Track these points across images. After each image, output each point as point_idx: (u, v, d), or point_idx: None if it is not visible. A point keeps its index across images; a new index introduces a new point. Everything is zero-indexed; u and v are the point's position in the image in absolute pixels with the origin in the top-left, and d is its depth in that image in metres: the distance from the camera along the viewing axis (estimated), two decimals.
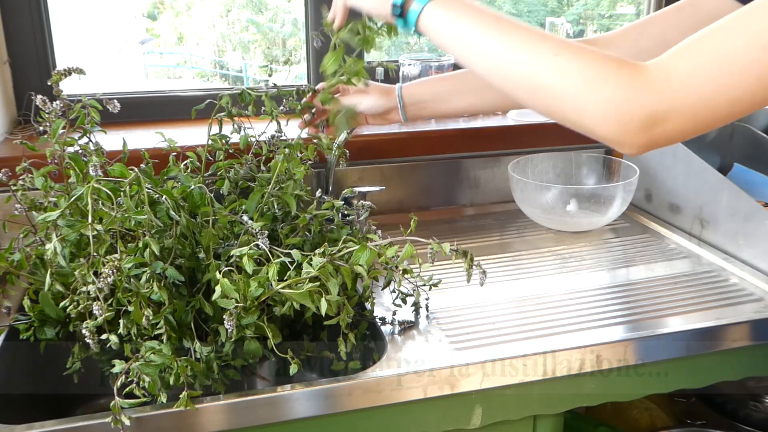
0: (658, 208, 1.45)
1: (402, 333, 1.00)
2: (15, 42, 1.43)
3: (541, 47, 0.71)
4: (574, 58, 0.70)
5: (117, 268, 0.81)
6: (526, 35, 0.73)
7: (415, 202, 1.51)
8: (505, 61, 0.73)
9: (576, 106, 0.71)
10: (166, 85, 2.81)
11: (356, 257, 0.89)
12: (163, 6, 2.42)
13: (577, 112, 0.72)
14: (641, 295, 1.13)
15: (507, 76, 0.74)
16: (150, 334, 0.85)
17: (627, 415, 1.42)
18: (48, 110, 0.94)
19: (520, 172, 1.44)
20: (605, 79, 0.69)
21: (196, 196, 0.96)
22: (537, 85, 0.72)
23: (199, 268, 0.93)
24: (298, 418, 0.88)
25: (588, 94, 0.70)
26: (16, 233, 1.01)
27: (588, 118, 0.71)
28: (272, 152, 1.17)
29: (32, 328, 0.93)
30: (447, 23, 0.76)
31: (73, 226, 0.87)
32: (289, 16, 2.30)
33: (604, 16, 2.34)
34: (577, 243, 1.34)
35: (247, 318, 0.85)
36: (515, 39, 0.73)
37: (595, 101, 0.70)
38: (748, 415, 1.42)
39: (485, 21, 0.74)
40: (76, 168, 0.94)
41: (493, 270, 1.22)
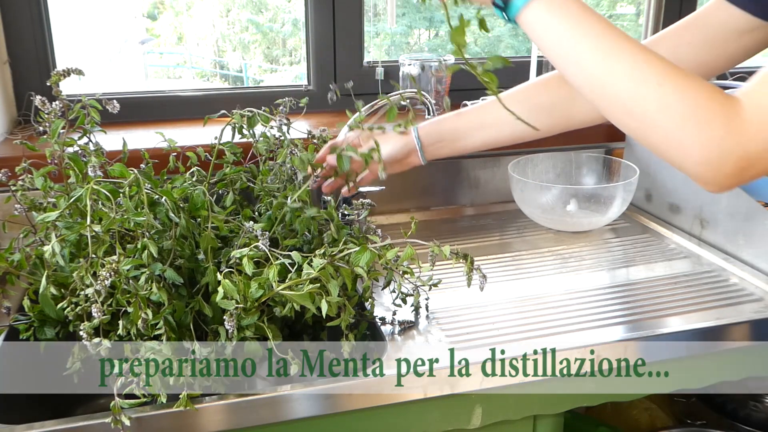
0: (658, 208, 1.45)
1: (402, 333, 1.00)
2: (15, 42, 1.43)
3: (646, 73, 0.68)
4: (677, 90, 0.68)
5: (115, 270, 0.81)
6: (631, 56, 0.69)
7: (415, 202, 1.51)
8: (604, 80, 0.70)
9: (671, 141, 0.69)
10: (166, 85, 2.80)
11: (356, 258, 0.89)
12: (163, 6, 2.42)
13: (671, 147, 0.69)
14: (641, 295, 1.13)
15: (603, 95, 0.71)
16: (150, 334, 0.85)
17: (627, 415, 1.42)
18: (47, 110, 0.94)
19: (520, 172, 1.44)
20: (707, 121, 0.67)
21: (196, 198, 0.95)
22: (634, 111, 0.70)
23: (198, 270, 0.93)
24: (298, 418, 0.88)
25: (686, 133, 0.67)
26: (16, 233, 1.01)
27: (682, 155, 0.69)
28: (272, 152, 1.17)
29: (32, 328, 0.93)
30: (549, 25, 0.73)
31: (72, 226, 0.87)
32: (289, 16, 2.30)
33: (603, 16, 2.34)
34: (577, 243, 1.34)
35: (248, 319, 0.85)
36: (619, 58, 0.69)
37: (692, 141, 0.67)
38: (748, 415, 1.42)
39: (590, 30, 0.71)
40: (75, 168, 0.94)
41: (493, 270, 1.22)
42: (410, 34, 2.22)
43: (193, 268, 0.93)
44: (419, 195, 1.49)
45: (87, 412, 1.03)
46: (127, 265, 0.84)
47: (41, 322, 0.93)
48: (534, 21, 0.74)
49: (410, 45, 2.21)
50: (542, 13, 0.73)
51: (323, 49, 1.61)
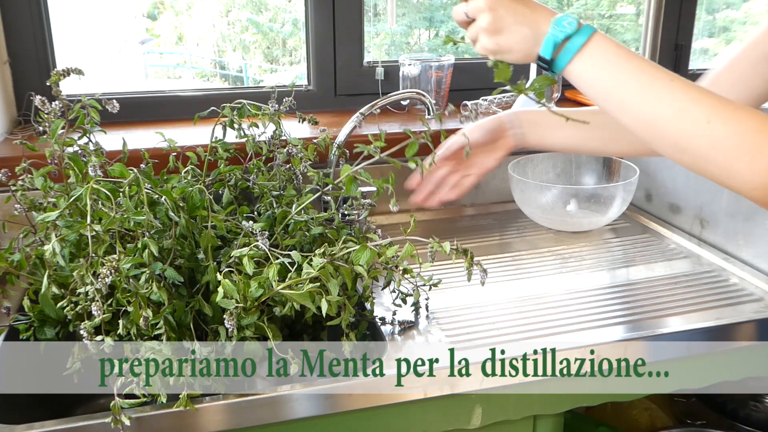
0: (658, 208, 1.45)
1: (402, 333, 1.00)
2: (15, 42, 1.43)
3: (694, 112, 0.71)
4: (727, 125, 0.70)
5: (115, 268, 0.81)
6: (678, 96, 0.71)
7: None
8: (654, 123, 0.72)
9: (727, 173, 0.71)
10: (166, 85, 2.81)
11: (356, 257, 0.89)
12: (163, 6, 2.42)
13: (728, 178, 0.72)
14: (641, 295, 1.13)
15: (655, 136, 0.73)
16: (150, 334, 0.85)
17: (627, 415, 1.42)
18: (47, 110, 0.94)
19: (520, 172, 1.44)
20: (759, 149, 0.68)
21: (195, 198, 0.96)
22: (687, 149, 0.72)
23: (198, 269, 0.93)
24: (298, 418, 0.88)
25: (740, 164, 0.70)
26: (16, 233, 1.01)
27: (739, 184, 0.71)
28: (272, 152, 1.17)
29: (32, 328, 0.93)
30: (595, 77, 0.75)
31: (72, 226, 0.87)
32: (290, 16, 2.30)
33: (604, 16, 2.34)
34: (577, 243, 1.34)
35: (247, 318, 0.85)
36: (666, 101, 0.72)
37: (747, 170, 0.70)
38: (748, 415, 1.42)
39: (636, 77, 0.73)
40: (75, 168, 0.94)
41: (493, 270, 1.22)
42: (410, 34, 2.22)
43: (193, 267, 0.93)
44: None
45: (87, 412, 1.03)
46: (127, 264, 0.84)
47: (41, 322, 0.93)
48: (580, 74, 0.76)
49: (410, 45, 2.21)
50: (587, 66, 0.75)
51: (323, 49, 1.61)
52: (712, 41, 2.30)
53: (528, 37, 0.76)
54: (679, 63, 1.89)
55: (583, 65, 0.75)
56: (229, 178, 1.15)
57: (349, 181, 1.00)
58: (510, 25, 0.76)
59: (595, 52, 0.75)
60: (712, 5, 2.27)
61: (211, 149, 1.13)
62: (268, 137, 1.17)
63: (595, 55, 0.74)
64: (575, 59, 0.75)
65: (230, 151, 1.14)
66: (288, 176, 1.15)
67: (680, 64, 1.90)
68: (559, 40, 0.75)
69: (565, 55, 0.75)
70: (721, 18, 2.33)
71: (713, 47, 2.31)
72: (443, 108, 1.65)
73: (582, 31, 0.74)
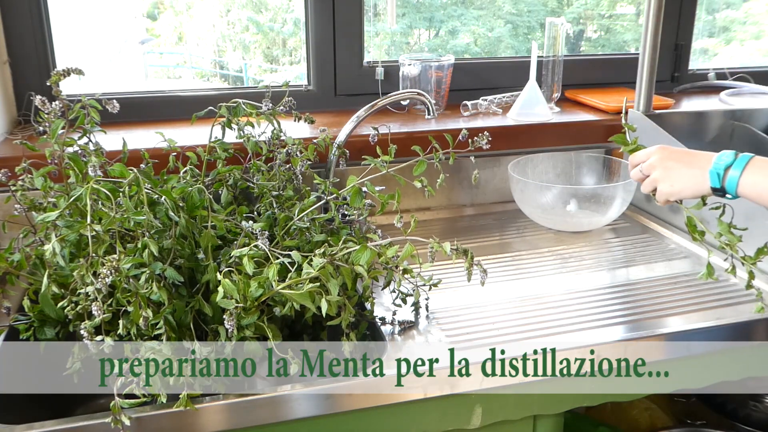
0: (658, 208, 1.45)
1: (402, 333, 1.00)
2: (15, 42, 1.43)
3: None
4: None
5: (116, 268, 0.81)
6: None
7: (415, 202, 1.51)
8: None
9: None
10: (166, 85, 2.81)
11: (356, 257, 0.89)
12: (163, 6, 2.42)
13: None
14: (641, 295, 1.13)
15: None
16: (150, 334, 0.85)
17: (627, 415, 1.42)
18: (47, 110, 0.94)
19: (520, 172, 1.44)
20: None
21: (195, 198, 0.95)
22: None
23: (198, 269, 0.93)
24: (298, 418, 0.88)
25: None
26: (16, 233, 1.01)
27: None
28: (272, 152, 1.17)
29: (32, 328, 0.93)
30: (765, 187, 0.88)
31: (72, 226, 0.87)
32: (290, 16, 2.30)
33: (604, 16, 2.34)
34: (577, 243, 1.34)
35: (247, 318, 0.85)
36: None
37: None
38: (748, 415, 1.42)
39: None
40: (75, 168, 0.94)
41: (493, 270, 1.22)
42: (410, 34, 2.22)
43: (193, 267, 0.93)
44: (419, 195, 1.49)
45: (87, 412, 1.03)
46: (128, 264, 0.84)
47: (41, 322, 0.93)
48: (752, 188, 0.89)
49: (410, 45, 2.21)
50: (755, 180, 0.88)
51: (323, 49, 1.61)
52: (712, 41, 2.30)
53: (697, 175, 0.92)
54: (679, 63, 1.89)
55: (750, 181, 0.88)
56: (228, 178, 1.15)
57: (355, 192, 1.00)
58: (679, 172, 0.94)
59: (756, 170, 0.88)
60: (712, 5, 2.27)
61: (210, 149, 1.13)
62: (268, 137, 1.17)
63: (756, 172, 0.88)
64: (742, 180, 0.89)
65: (229, 151, 1.14)
66: (288, 176, 1.15)
67: (680, 64, 1.90)
68: (721, 170, 0.90)
69: (732, 180, 0.89)
70: (721, 18, 2.33)
71: (713, 47, 2.31)
72: (442, 107, 1.65)
73: (740, 159, 0.89)
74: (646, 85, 1.48)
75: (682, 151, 0.97)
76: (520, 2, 2.12)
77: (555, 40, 1.63)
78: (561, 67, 1.66)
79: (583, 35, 2.34)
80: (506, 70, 1.76)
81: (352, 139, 1.30)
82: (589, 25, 2.36)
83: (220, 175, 1.14)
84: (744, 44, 2.36)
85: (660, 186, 0.96)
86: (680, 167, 0.95)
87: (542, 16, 2.13)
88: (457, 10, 2.16)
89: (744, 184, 0.89)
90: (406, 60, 1.59)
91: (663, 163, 0.96)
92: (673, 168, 0.95)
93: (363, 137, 1.42)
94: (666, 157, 0.97)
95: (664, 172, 0.95)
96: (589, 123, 1.57)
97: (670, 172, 0.95)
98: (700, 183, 0.92)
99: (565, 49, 1.65)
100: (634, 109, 1.51)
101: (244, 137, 1.14)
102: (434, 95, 1.62)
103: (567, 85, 1.74)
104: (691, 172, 0.93)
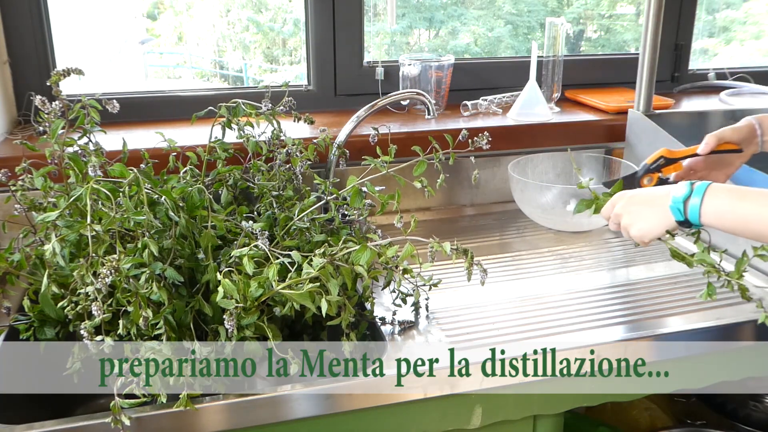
0: None
1: (402, 333, 1.00)
2: (15, 42, 1.43)
3: None
4: None
5: (116, 268, 0.81)
6: None
7: (415, 202, 1.51)
8: None
9: None
10: (166, 85, 2.80)
11: (356, 257, 0.89)
12: (163, 6, 2.42)
13: None
14: (641, 295, 1.13)
15: None
16: (150, 334, 0.85)
17: (627, 415, 1.42)
18: (47, 110, 0.94)
19: (520, 172, 1.44)
20: None
21: (195, 198, 0.95)
22: None
23: (198, 269, 0.93)
24: (298, 418, 0.88)
25: None
26: (16, 233, 1.01)
27: None
28: (272, 152, 1.17)
29: (32, 328, 0.93)
30: (726, 211, 0.89)
31: (72, 226, 0.87)
32: (290, 16, 2.30)
33: (604, 16, 2.34)
34: (577, 243, 1.34)
35: (247, 318, 0.85)
36: None
37: None
38: (748, 415, 1.42)
39: (754, 198, 0.86)
40: (75, 168, 0.94)
41: (493, 270, 1.22)
42: (410, 34, 2.22)
43: (193, 267, 0.93)
44: (419, 195, 1.49)
45: (87, 412, 1.03)
46: (127, 264, 0.84)
47: (41, 322, 0.93)
48: (714, 215, 0.90)
49: (410, 45, 2.21)
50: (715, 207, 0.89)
51: (323, 49, 1.61)
52: (712, 41, 2.30)
53: (660, 214, 0.93)
54: (679, 63, 1.89)
55: (711, 209, 0.89)
56: (228, 178, 1.15)
57: (355, 193, 1.00)
58: (643, 214, 0.96)
59: (714, 197, 0.89)
60: (712, 5, 2.27)
61: (210, 149, 1.13)
62: (268, 137, 1.17)
63: (715, 199, 0.89)
64: (703, 209, 0.90)
65: (229, 151, 1.14)
66: (288, 176, 1.15)
67: (680, 64, 1.90)
68: (681, 204, 0.91)
69: (694, 210, 0.90)
70: (721, 18, 2.33)
71: (713, 47, 2.31)
72: (442, 107, 1.65)
73: (697, 188, 0.90)
74: (646, 85, 1.48)
75: (643, 193, 0.98)
76: (520, 2, 2.12)
77: (555, 40, 1.63)
78: (561, 67, 1.66)
79: (583, 35, 2.34)
80: (506, 70, 1.76)
81: (352, 139, 1.30)
82: (589, 25, 2.36)
83: (220, 175, 1.14)
84: (744, 44, 2.36)
85: (631, 231, 0.98)
86: (643, 209, 0.96)
87: (542, 16, 2.13)
88: (457, 10, 2.16)
89: (706, 212, 0.90)
90: (406, 60, 1.60)
91: (627, 209, 0.98)
92: (637, 211, 0.97)
93: (363, 137, 1.42)
94: (628, 202, 0.98)
95: (630, 217, 0.97)
96: (589, 123, 1.57)
97: (635, 216, 0.97)
98: (665, 220, 0.93)
99: (565, 49, 1.65)
100: (634, 109, 1.51)
101: (244, 137, 1.14)
102: (434, 95, 1.62)
103: (567, 85, 1.74)
104: (654, 211, 0.95)
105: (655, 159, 1.09)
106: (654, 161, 1.09)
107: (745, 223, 0.87)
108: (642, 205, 0.97)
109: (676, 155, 1.09)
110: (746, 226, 0.87)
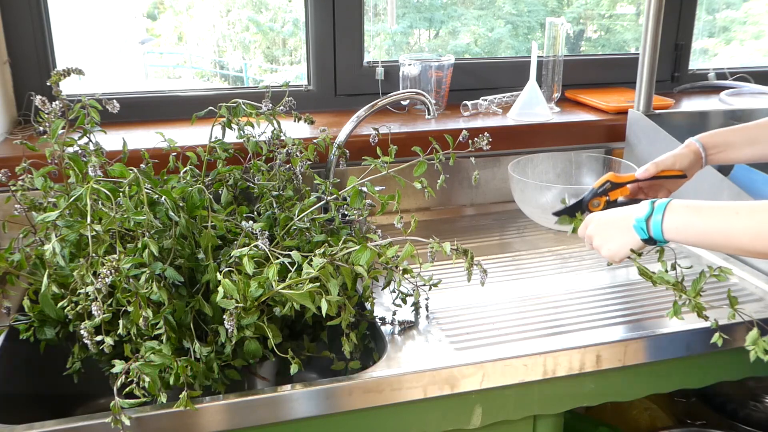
0: None
1: (402, 333, 1.00)
2: (15, 42, 1.43)
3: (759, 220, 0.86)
4: None
5: (116, 268, 0.81)
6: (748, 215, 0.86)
7: (415, 203, 1.51)
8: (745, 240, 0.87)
9: None
10: (166, 85, 2.80)
11: (356, 257, 0.89)
12: (163, 6, 2.42)
13: None
14: (641, 295, 1.13)
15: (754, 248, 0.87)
16: (150, 334, 0.85)
17: (627, 415, 1.42)
18: (47, 110, 0.94)
19: (520, 172, 1.44)
20: None
21: (195, 198, 0.96)
22: None
23: (198, 269, 0.93)
24: (298, 418, 0.88)
25: None
26: (16, 233, 1.01)
27: None
28: (272, 152, 1.17)
29: (32, 328, 0.93)
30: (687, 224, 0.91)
31: (72, 226, 0.87)
32: (290, 16, 2.30)
33: (604, 16, 2.34)
34: (577, 243, 1.34)
35: (247, 318, 0.85)
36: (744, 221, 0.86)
37: None
38: (748, 415, 1.42)
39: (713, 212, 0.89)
40: (75, 168, 0.94)
41: (493, 270, 1.22)
42: (410, 34, 2.22)
43: (193, 267, 0.93)
44: (419, 195, 1.49)
45: (87, 412, 1.03)
46: (127, 264, 0.84)
47: (41, 322, 0.93)
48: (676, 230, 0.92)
49: (410, 45, 2.21)
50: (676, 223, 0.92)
51: (323, 49, 1.61)
52: (712, 41, 2.30)
53: (626, 233, 0.96)
54: (679, 63, 1.89)
55: (673, 225, 0.92)
56: (228, 178, 1.15)
57: (355, 193, 1.00)
58: (611, 235, 0.99)
59: (674, 213, 0.92)
60: (712, 5, 2.27)
61: (210, 149, 1.13)
62: (268, 137, 1.17)
63: (675, 215, 0.92)
64: (664, 226, 0.92)
65: (229, 151, 1.14)
66: (288, 176, 1.15)
67: (680, 64, 1.90)
68: (643, 223, 0.93)
69: (656, 227, 0.92)
70: (721, 18, 2.33)
71: (713, 47, 2.31)
72: (442, 107, 1.65)
73: (658, 207, 0.93)
74: (646, 85, 1.48)
75: (611, 215, 1.00)
76: (520, 2, 2.12)
77: (555, 40, 1.63)
78: (561, 67, 1.66)
79: (583, 35, 2.34)
80: (506, 70, 1.76)
81: (352, 139, 1.30)
82: (589, 25, 2.36)
83: (220, 175, 1.14)
84: (744, 44, 2.36)
85: (602, 252, 1.00)
86: (611, 230, 0.99)
87: (542, 16, 2.13)
88: (457, 10, 2.16)
89: (668, 229, 0.92)
90: (406, 60, 1.60)
91: (597, 230, 1.01)
92: (605, 232, 1.00)
93: (363, 137, 1.42)
94: (597, 224, 1.01)
95: (600, 238, 1.00)
96: (589, 123, 1.57)
97: (605, 237, 1.00)
98: (632, 239, 0.96)
99: (565, 49, 1.65)
100: (634, 109, 1.51)
101: (244, 137, 1.14)
102: (434, 95, 1.62)
103: (567, 85, 1.74)
104: (621, 232, 0.97)
105: (601, 183, 1.12)
106: (601, 185, 1.12)
107: (705, 236, 0.89)
108: (609, 225, 1.00)
109: (622, 180, 1.12)
110: (708, 239, 0.90)
